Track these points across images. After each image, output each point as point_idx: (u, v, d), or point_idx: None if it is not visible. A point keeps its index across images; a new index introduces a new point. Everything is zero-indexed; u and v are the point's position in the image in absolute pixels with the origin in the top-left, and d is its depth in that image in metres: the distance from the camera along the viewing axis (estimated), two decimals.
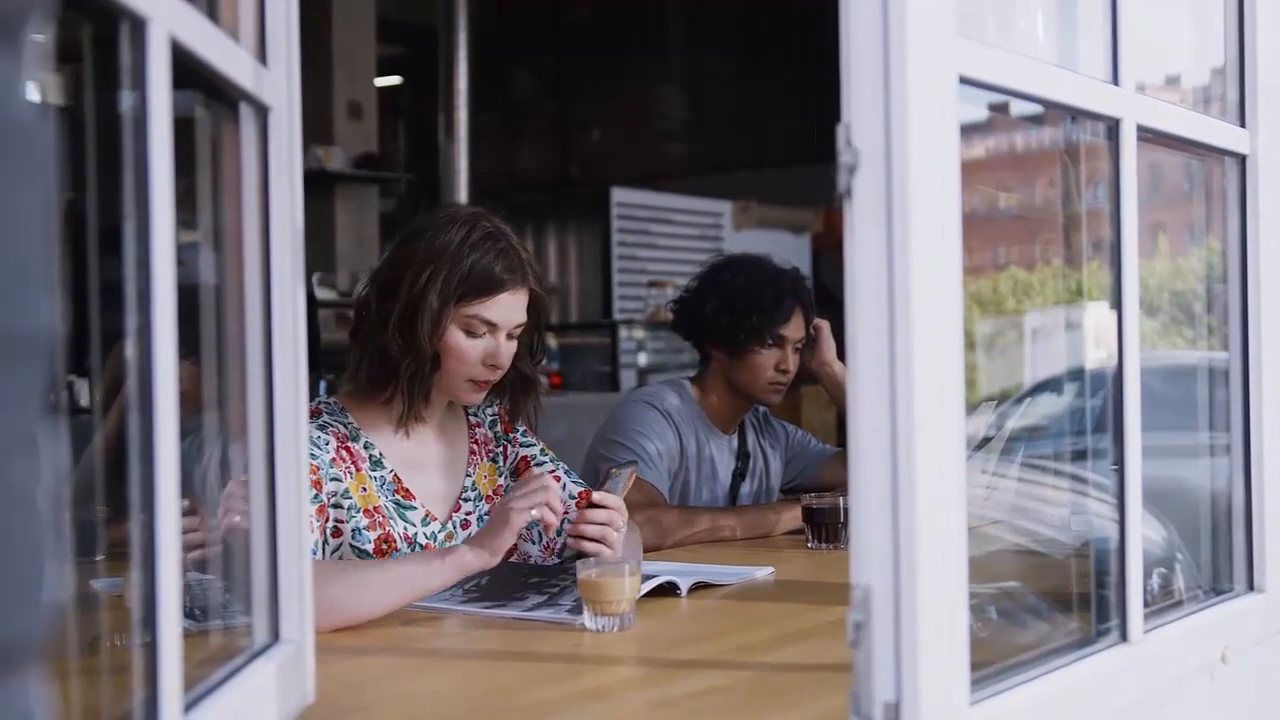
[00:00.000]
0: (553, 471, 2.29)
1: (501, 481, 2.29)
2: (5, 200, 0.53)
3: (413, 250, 2.11)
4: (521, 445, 2.33)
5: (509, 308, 2.12)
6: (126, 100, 0.98)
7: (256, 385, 1.32)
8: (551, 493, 1.95)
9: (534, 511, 1.92)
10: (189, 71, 1.08)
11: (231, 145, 1.30)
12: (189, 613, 1.11)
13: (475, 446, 2.28)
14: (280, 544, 1.33)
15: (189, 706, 1.05)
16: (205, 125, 1.28)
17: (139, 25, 0.96)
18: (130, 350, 0.98)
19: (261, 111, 1.31)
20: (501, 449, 2.32)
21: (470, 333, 2.11)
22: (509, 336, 2.14)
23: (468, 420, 2.30)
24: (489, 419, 2.32)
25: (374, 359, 2.12)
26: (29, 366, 0.55)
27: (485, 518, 2.21)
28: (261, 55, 1.31)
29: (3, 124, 0.54)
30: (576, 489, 2.31)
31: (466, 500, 2.24)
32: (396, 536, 2.10)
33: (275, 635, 1.33)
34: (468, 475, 2.25)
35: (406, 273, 2.09)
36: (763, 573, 2.29)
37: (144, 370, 0.97)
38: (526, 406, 2.28)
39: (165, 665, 0.97)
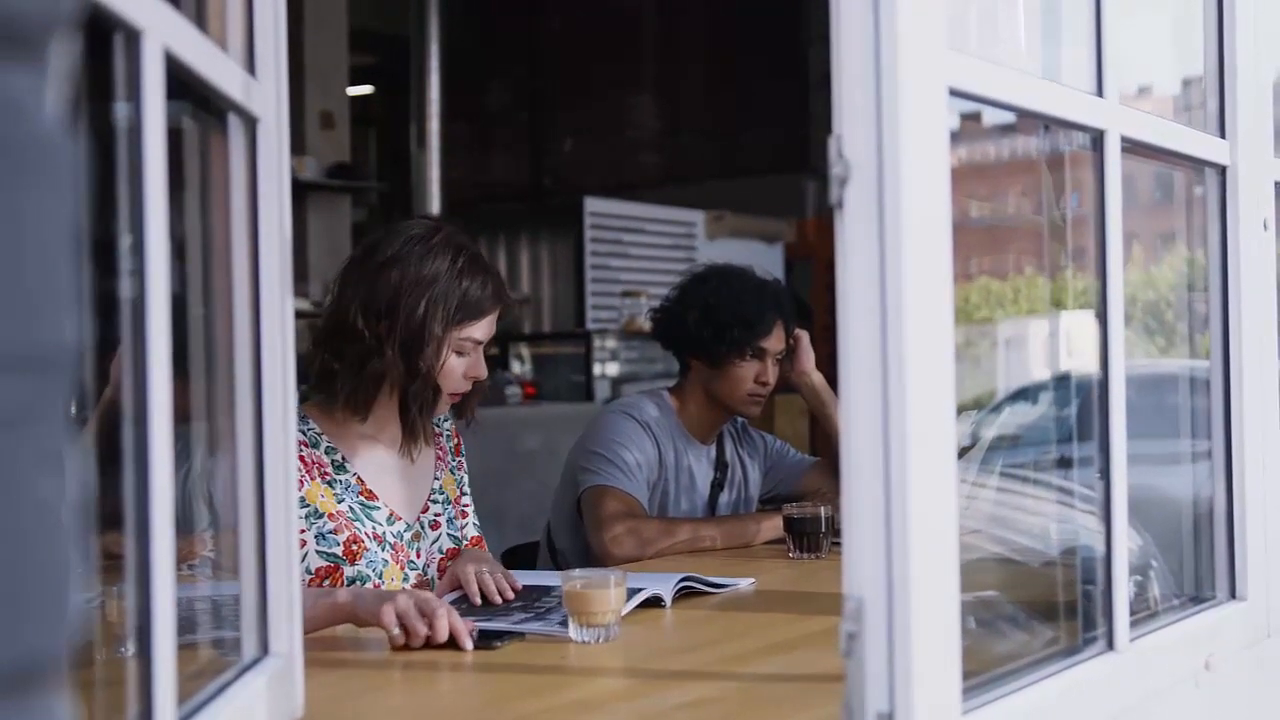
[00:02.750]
0: (465, 507, 2.39)
1: (458, 491, 2.38)
2: (32, 216, 0.52)
3: (399, 277, 2.13)
4: (465, 470, 2.43)
5: (492, 324, 2.24)
6: (120, 110, 0.97)
7: (245, 396, 1.31)
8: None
9: (395, 631, 1.76)
10: (178, 82, 1.07)
11: (219, 156, 1.29)
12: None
13: (440, 453, 2.37)
14: (269, 558, 1.32)
15: None
16: (193, 135, 1.28)
17: (133, 37, 0.96)
18: (125, 361, 0.97)
19: (250, 122, 1.30)
20: (457, 463, 2.41)
21: (460, 353, 2.20)
22: (485, 349, 2.25)
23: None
24: (445, 432, 2.40)
25: (368, 382, 2.14)
26: (55, 383, 0.55)
27: (453, 520, 2.32)
28: (250, 67, 1.31)
29: (29, 139, 0.53)
30: (474, 532, 2.39)
31: (435, 502, 2.32)
32: (364, 536, 2.15)
33: (264, 649, 1.32)
34: (435, 478, 2.33)
35: (401, 301, 2.13)
36: (745, 584, 2.29)
37: (138, 381, 0.96)
38: (473, 401, 2.32)
39: (159, 680, 0.97)
